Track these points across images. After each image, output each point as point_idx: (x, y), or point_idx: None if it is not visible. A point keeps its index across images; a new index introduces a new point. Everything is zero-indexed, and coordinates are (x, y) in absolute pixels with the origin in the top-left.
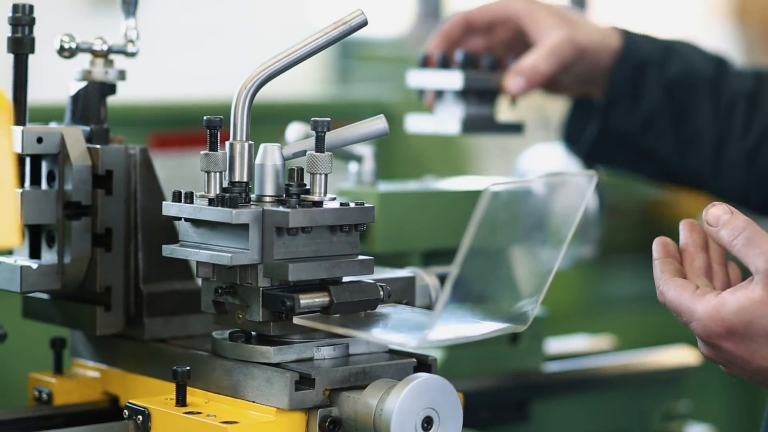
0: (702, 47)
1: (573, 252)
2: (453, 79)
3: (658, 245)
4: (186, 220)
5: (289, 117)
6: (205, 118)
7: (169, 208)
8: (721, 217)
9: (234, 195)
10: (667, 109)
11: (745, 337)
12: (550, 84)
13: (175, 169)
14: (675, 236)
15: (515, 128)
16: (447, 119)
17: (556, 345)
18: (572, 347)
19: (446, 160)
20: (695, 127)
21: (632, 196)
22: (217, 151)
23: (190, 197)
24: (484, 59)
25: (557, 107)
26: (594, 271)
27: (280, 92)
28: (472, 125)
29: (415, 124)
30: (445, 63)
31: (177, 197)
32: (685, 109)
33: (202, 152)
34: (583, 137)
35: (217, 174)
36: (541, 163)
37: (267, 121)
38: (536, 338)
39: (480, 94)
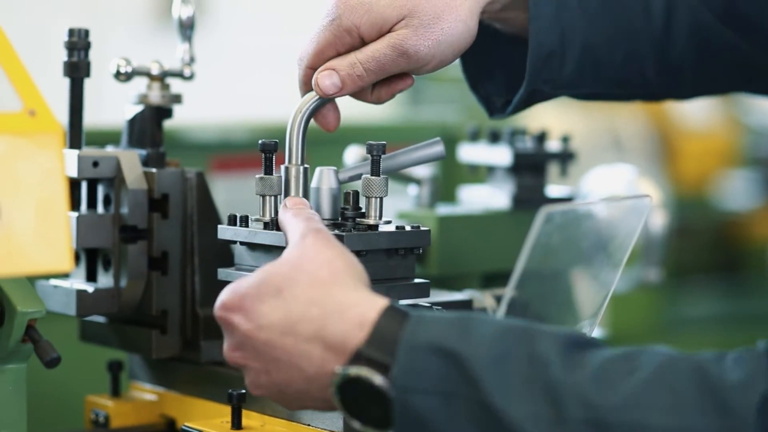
0: None
1: (636, 274)
2: (502, 155)
3: None
4: (241, 243)
5: (356, 139)
6: (260, 142)
7: (225, 231)
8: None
9: None
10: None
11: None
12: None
13: (236, 192)
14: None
15: (566, 201)
16: (498, 193)
17: None
18: None
19: None
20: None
21: (706, 217)
22: (272, 174)
23: (245, 221)
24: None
25: (628, 127)
26: (666, 292)
27: (349, 114)
28: (523, 198)
29: (468, 195)
30: (495, 137)
31: (232, 221)
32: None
33: (257, 176)
34: (510, 108)
35: (272, 198)
36: (603, 186)
37: (332, 143)
38: None
39: (530, 167)
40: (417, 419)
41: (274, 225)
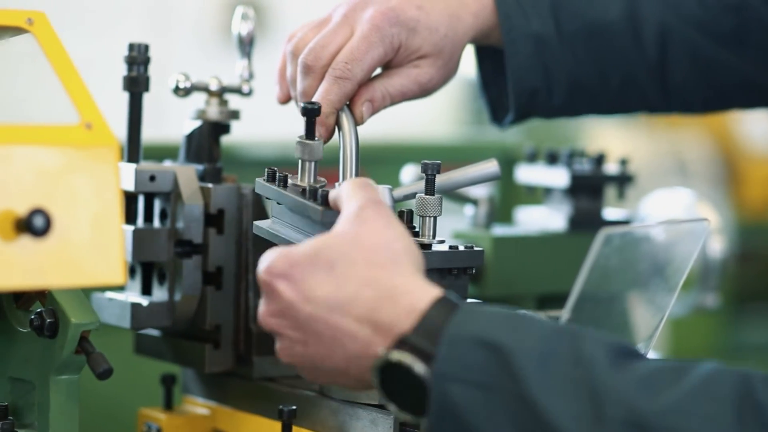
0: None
1: (693, 299)
2: (559, 177)
3: None
4: (278, 203)
5: (414, 158)
6: (300, 105)
7: (263, 188)
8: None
9: (326, 191)
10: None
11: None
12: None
13: None
14: None
15: (623, 223)
16: (555, 215)
17: None
18: None
19: None
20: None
21: None
22: (313, 139)
23: (284, 181)
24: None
25: (693, 150)
26: (727, 318)
27: (407, 133)
28: (580, 221)
29: (525, 216)
30: (553, 158)
31: (271, 177)
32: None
33: (298, 139)
34: (504, 122)
35: (312, 163)
36: (662, 209)
37: (390, 162)
38: None
39: (587, 189)
40: (453, 409)
41: (311, 193)
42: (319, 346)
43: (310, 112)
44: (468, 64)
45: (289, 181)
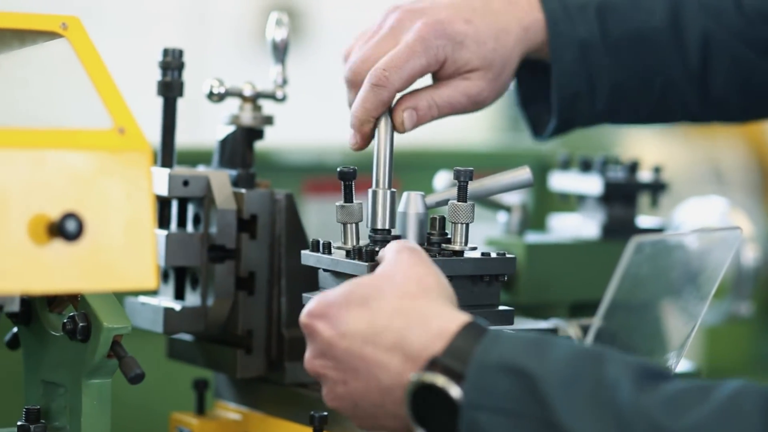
0: None
1: (726, 308)
2: (592, 184)
3: None
4: (324, 270)
5: (448, 164)
6: (338, 170)
7: (308, 258)
8: None
9: (371, 248)
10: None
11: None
12: None
13: (329, 214)
14: None
15: (656, 231)
16: (588, 222)
17: None
18: None
19: None
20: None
21: None
22: (352, 202)
23: (327, 248)
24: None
25: (729, 158)
26: (761, 327)
27: (442, 139)
28: (613, 228)
29: (558, 224)
30: (586, 166)
31: (315, 247)
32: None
33: (337, 203)
34: (545, 133)
35: (354, 225)
36: (695, 217)
37: (423, 168)
38: None
39: (620, 197)
40: None
41: (355, 253)
42: (356, 382)
43: (347, 176)
44: None
45: (333, 246)
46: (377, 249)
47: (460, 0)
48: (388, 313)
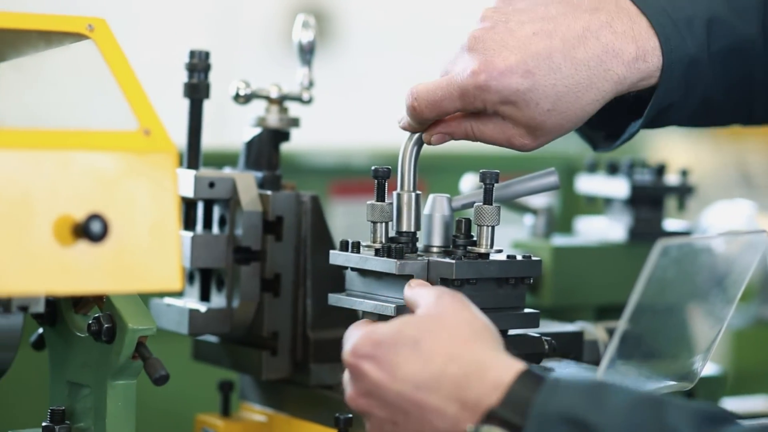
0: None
1: (754, 311)
2: (619, 187)
3: None
4: (352, 269)
5: (474, 167)
6: (372, 168)
7: (336, 257)
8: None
9: (400, 246)
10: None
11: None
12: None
13: (356, 216)
14: None
15: (682, 234)
16: (615, 225)
17: (733, 405)
18: (752, 407)
19: None
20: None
21: None
22: (383, 201)
23: (356, 247)
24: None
25: (758, 162)
26: None
27: (468, 142)
28: (640, 232)
29: (585, 226)
30: (613, 169)
31: (344, 246)
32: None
33: (368, 202)
34: (622, 137)
35: (383, 224)
36: (722, 220)
37: (450, 171)
38: (712, 397)
39: (647, 200)
40: None
41: (385, 251)
42: (408, 425)
43: (380, 174)
44: None
45: (362, 246)
46: (408, 245)
47: (547, 32)
48: (442, 359)
